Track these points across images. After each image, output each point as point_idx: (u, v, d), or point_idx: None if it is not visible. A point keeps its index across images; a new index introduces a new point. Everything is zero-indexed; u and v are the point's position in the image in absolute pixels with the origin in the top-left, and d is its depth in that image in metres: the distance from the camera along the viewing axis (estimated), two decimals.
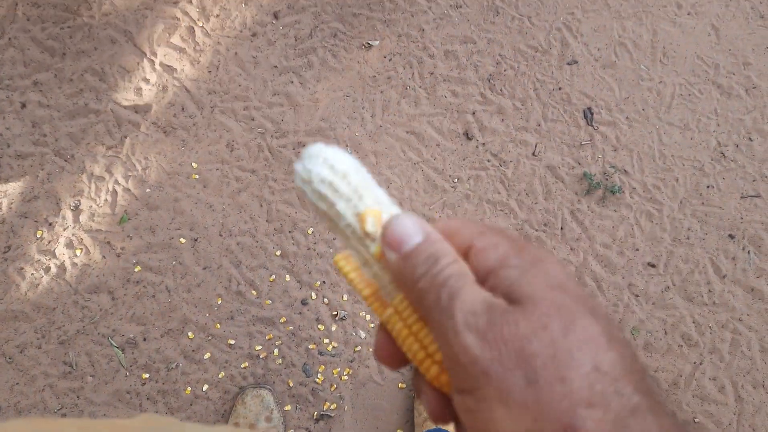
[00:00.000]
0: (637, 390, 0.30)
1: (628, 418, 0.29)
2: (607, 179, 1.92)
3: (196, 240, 1.71)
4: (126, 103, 1.80)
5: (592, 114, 1.99)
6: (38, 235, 1.65)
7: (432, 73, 1.97)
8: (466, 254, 0.37)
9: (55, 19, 1.84)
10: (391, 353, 0.39)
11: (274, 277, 1.70)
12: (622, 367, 0.30)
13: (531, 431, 0.29)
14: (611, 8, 2.11)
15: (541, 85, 2.00)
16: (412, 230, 0.37)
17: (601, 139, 1.97)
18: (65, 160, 1.73)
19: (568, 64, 2.03)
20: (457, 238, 0.38)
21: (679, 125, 2.01)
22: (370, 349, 1.67)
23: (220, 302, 1.66)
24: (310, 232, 1.75)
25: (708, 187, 1.97)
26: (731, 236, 1.92)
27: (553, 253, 2.14)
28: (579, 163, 1.93)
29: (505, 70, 2.01)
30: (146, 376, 1.58)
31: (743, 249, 1.91)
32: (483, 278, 0.35)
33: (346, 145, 1.86)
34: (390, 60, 1.97)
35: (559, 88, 2.01)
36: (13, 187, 1.68)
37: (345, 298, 1.70)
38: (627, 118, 2.00)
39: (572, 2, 2.10)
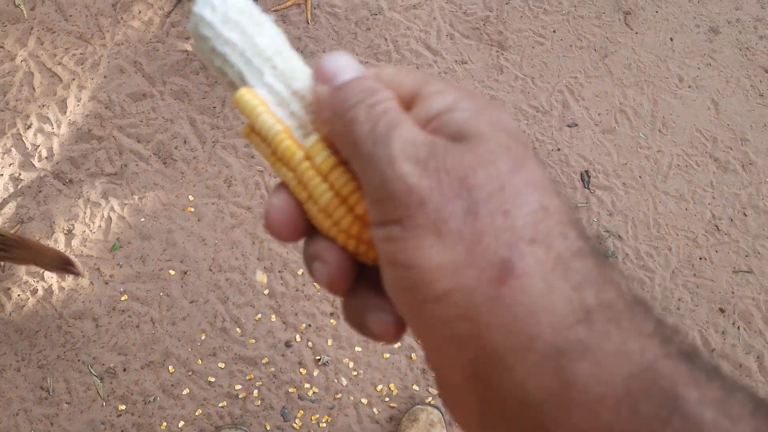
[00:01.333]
0: (580, 237, 0.29)
1: (570, 259, 0.28)
2: (600, 243, 2.00)
3: (185, 273, 1.78)
4: (129, 131, 1.89)
5: (589, 177, 2.09)
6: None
7: None
8: (408, 105, 0.34)
9: (68, 45, 1.95)
10: (291, 216, 0.36)
11: (260, 316, 1.76)
12: (567, 214, 0.30)
13: (461, 263, 0.28)
14: (613, 75, 2.23)
15: (540, 145, 2.10)
16: (349, 66, 0.35)
17: (596, 203, 2.06)
18: (63, 184, 1.80)
19: (569, 126, 2.14)
20: (398, 88, 0.35)
21: (675, 195, 2.11)
22: (351, 398, 1.72)
23: (203, 338, 1.71)
24: (299, 273, 1.81)
25: (701, 258, 2.05)
26: (722, 310, 1.99)
27: (505, 105, 2.08)
28: None
29: None
30: (123, 407, 1.62)
31: (733, 324, 1.98)
32: (425, 124, 0.32)
33: None
34: None
35: (558, 149, 2.11)
36: (9, 207, 1.75)
37: (329, 342, 1.76)
38: (624, 184, 2.10)
39: (575, 66, 2.23)
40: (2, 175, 1.79)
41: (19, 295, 1.68)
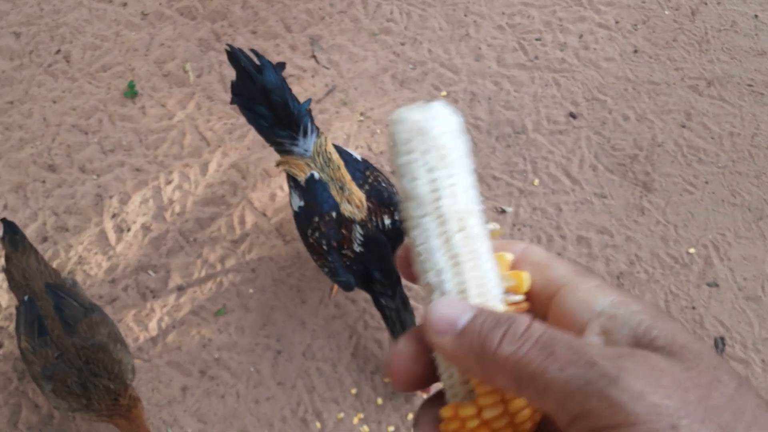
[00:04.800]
0: None
1: None
2: None
3: (279, 352, 1.91)
4: (257, 204, 2.12)
5: (724, 345, 2.05)
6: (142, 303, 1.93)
7: (560, 254, 2.15)
8: (551, 296, 0.37)
9: (222, 114, 2.26)
10: (413, 368, 0.38)
11: (342, 415, 1.84)
12: None
13: None
14: (767, 240, 2.23)
15: (673, 299, 2.11)
16: (459, 307, 0.35)
17: None
18: (187, 241, 2.04)
19: (708, 285, 2.14)
20: (544, 272, 0.37)
21: None
22: None
23: (282, 425, 1.81)
24: None
25: None
26: None
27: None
28: None
29: (637, 272, 2.15)
30: None
31: None
32: (582, 326, 0.34)
33: None
34: (519, 230, 2.18)
35: (693, 308, 2.10)
36: (134, 253, 2.00)
37: None
38: (763, 360, 2.04)
39: (725, 223, 2.25)
40: (135, 222, 2.05)
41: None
